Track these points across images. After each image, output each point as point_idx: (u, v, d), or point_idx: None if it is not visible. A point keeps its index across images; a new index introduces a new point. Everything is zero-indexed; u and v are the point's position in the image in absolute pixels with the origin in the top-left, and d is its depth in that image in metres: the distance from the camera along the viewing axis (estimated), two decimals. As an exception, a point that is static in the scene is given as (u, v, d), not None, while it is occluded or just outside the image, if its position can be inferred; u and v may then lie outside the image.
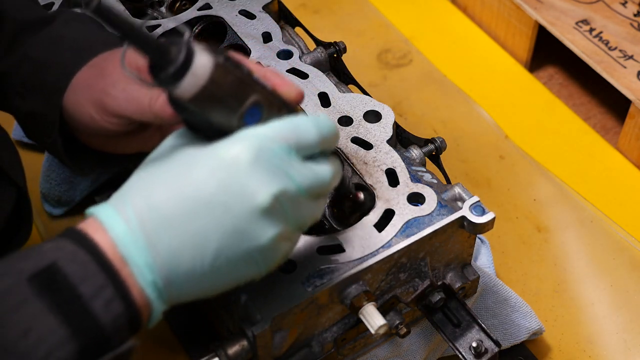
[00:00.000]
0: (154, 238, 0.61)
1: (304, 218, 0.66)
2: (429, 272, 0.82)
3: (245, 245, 0.63)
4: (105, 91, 0.79)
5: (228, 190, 0.62)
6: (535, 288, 1.03)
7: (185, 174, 0.62)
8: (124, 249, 0.61)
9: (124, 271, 0.61)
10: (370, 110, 0.89)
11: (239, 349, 0.74)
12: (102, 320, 0.59)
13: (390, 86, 1.26)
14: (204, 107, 0.62)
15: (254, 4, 1.02)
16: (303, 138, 0.65)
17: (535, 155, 1.17)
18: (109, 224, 0.61)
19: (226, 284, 0.65)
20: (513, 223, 1.09)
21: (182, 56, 0.60)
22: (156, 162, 0.64)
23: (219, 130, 0.64)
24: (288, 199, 0.63)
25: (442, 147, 0.89)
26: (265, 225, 0.63)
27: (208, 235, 0.62)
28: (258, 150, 0.62)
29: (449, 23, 1.36)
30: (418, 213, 0.80)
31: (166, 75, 0.60)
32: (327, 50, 0.97)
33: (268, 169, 0.62)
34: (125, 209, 0.62)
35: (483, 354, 0.83)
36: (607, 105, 1.24)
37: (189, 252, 0.61)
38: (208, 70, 0.61)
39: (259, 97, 0.64)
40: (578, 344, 0.98)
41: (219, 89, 0.62)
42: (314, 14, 1.37)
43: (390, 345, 0.87)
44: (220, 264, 0.62)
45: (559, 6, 1.23)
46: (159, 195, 0.62)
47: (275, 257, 0.66)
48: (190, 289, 0.63)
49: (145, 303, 0.62)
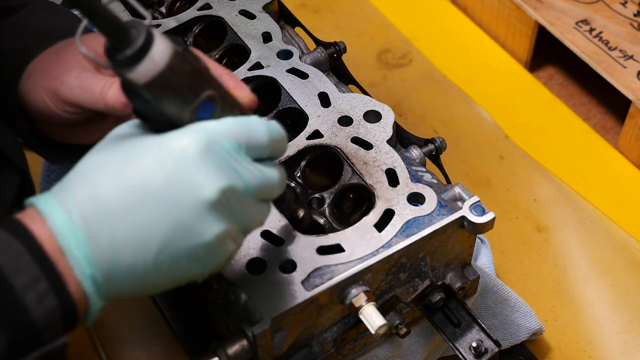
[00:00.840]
0: (95, 230, 0.59)
1: (250, 219, 0.65)
2: (429, 272, 0.82)
3: (190, 241, 0.61)
4: (59, 78, 0.78)
5: (175, 183, 0.60)
6: (535, 288, 1.03)
7: (132, 163, 0.60)
8: (63, 241, 0.59)
9: (61, 263, 0.58)
10: (370, 110, 0.89)
11: (239, 349, 0.74)
12: (34, 314, 0.57)
13: (390, 86, 1.26)
14: (158, 95, 0.60)
15: (254, 4, 1.02)
16: (254, 138, 0.64)
17: (535, 155, 1.17)
18: (49, 214, 0.59)
19: (168, 282, 0.63)
20: (513, 223, 1.09)
21: (142, 40, 0.58)
22: (102, 151, 0.62)
23: (170, 122, 0.62)
24: (235, 196, 0.62)
25: (442, 147, 0.89)
26: (211, 220, 0.61)
27: (152, 229, 0.60)
28: (208, 144, 0.61)
29: (449, 23, 1.36)
30: (418, 213, 0.80)
31: (123, 57, 0.58)
32: (327, 50, 0.97)
33: (217, 163, 0.61)
34: (66, 199, 0.60)
35: (483, 354, 0.83)
36: (607, 105, 1.24)
37: (132, 245, 0.59)
38: (166, 57, 0.59)
39: (213, 93, 0.63)
40: (578, 344, 0.98)
41: (175, 77, 0.60)
42: (314, 14, 1.37)
43: (390, 345, 0.87)
44: (163, 260, 0.60)
45: (559, 6, 1.23)
46: (103, 185, 0.60)
47: (220, 257, 0.63)
48: (130, 285, 0.61)
49: (82, 297, 0.59)
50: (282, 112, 0.92)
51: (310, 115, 0.89)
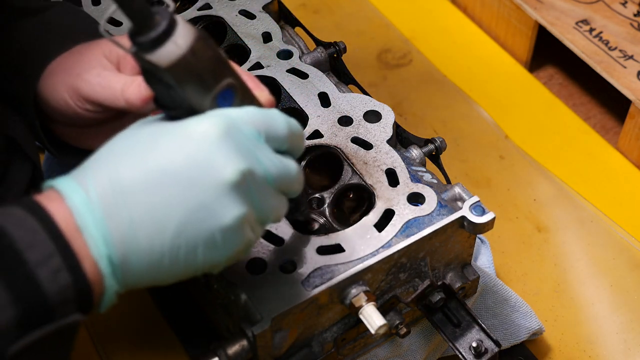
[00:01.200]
0: (113, 209, 0.59)
1: (268, 209, 0.65)
2: (429, 272, 0.82)
3: (208, 223, 0.61)
4: (81, 76, 0.79)
5: (195, 164, 0.60)
6: (535, 288, 1.03)
7: (152, 146, 0.61)
8: (80, 219, 0.58)
9: (77, 242, 0.58)
10: (370, 110, 0.89)
11: (239, 349, 0.74)
12: (46, 290, 0.57)
13: (390, 86, 1.26)
14: (179, 80, 0.61)
15: (254, 4, 1.02)
16: (274, 128, 0.65)
17: (535, 155, 1.17)
18: (67, 194, 0.59)
19: (184, 270, 0.62)
20: (513, 223, 1.09)
21: (165, 23, 0.60)
22: (122, 137, 0.63)
23: (191, 110, 0.63)
24: (254, 182, 0.62)
25: (442, 147, 0.89)
26: (230, 202, 0.61)
27: (170, 210, 0.60)
28: (228, 128, 0.61)
29: (449, 23, 1.36)
30: (418, 213, 0.80)
31: (147, 39, 0.59)
32: (327, 50, 0.97)
33: (237, 147, 0.61)
34: (85, 179, 0.60)
35: (483, 354, 0.83)
36: (607, 105, 1.24)
37: (150, 226, 0.59)
38: (189, 41, 0.60)
39: (233, 81, 0.64)
40: (578, 344, 0.98)
41: (197, 61, 0.61)
42: (314, 14, 1.37)
43: (391, 345, 0.87)
44: (180, 243, 0.60)
45: (559, 6, 1.23)
46: (122, 167, 0.60)
47: (237, 244, 0.63)
48: (146, 270, 0.61)
49: (98, 278, 0.59)
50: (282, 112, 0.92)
51: (310, 115, 0.89)
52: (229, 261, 0.64)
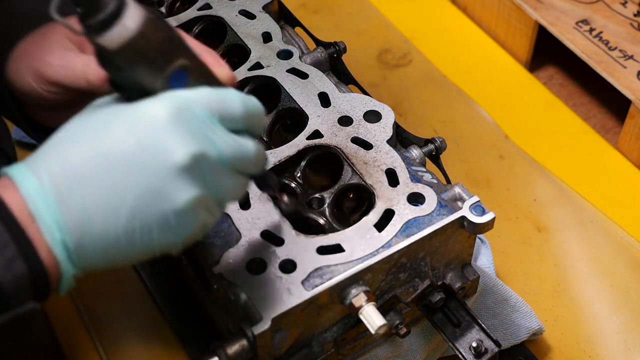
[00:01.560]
0: (66, 195, 0.59)
1: (225, 190, 0.64)
2: (429, 272, 0.82)
3: (161, 206, 0.61)
4: (43, 59, 0.79)
5: (145, 148, 0.60)
6: (535, 288, 1.03)
7: (102, 131, 0.61)
8: (33, 206, 0.59)
9: (31, 229, 0.59)
10: (370, 110, 0.89)
11: (239, 349, 0.74)
12: (1, 278, 0.57)
13: (390, 86, 1.26)
14: (130, 62, 0.61)
15: (254, 4, 1.02)
16: (228, 108, 0.64)
17: (535, 155, 1.17)
18: (20, 182, 0.60)
19: (141, 252, 0.63)
20: (513, 223, 1.09)
21: (113, 5, 0.59)
22: (75, 122, 0.63)
23: (144, 91, 0.62)
24: (208, 163, 0.62)
25: (442, 147, 0.89)
26: (182, 185, 0.61)
27: (123, 194, 0.60)
28: (179, 110, 0.61)
29: (449, 23, 1.36)
30: (418, 213, 0.80)
31: (94, 22, 0.59)
32: (327, 50, 0.97)
33: (188, 129, 0.61)
34: (38, 166, 0.60)
35: (483, 354, 0.83)
36: (607, 105, 1.24)
37: (103, 211, 0.60)
38: (138, 23, 0.60)
39: (187, 62, 0.64)
40: (578, 344, 0.98)
41: (147, 44, 0.61)
42: (314, 14, 1.37)
43: (391, 345, 0.87)
44: (134, 226, 0.60)
45: (559, 6, 1.23)
46: (74, 153, 0.60)
47: (192, 226, 0.63)
48: (103, 253, 0.61)
49: (54, 264, 0.60)
50: (282, 112, 0.92)
51: (310, 115, 0.89)
52: (185, 241, 0.64)
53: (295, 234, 0.79)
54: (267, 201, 0.81)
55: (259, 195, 0.82)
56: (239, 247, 0.78)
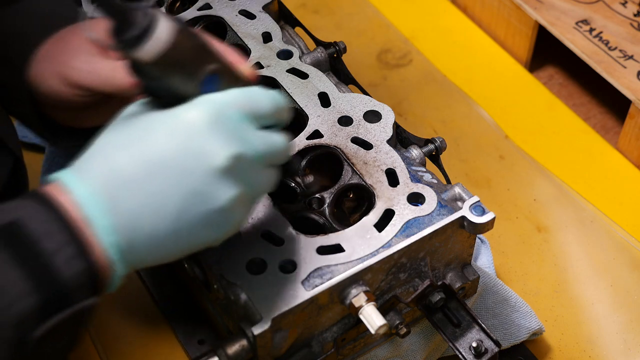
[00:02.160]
0: (115, 200, 0.62)
1: (260, 185, 0.68)
2: (429, 272, 0.82)
3: (205, 206, 0.64)
4: (68, 63, 0.81)
5: (187, 152, 0.63)
6: (535, 288, 1.03)
7: (144, 137, 0.64)
8: (87, 211, 0.62)
9: (87, 231, 0.61)
10: (370, 110, 0.89)
11: (239, 349, 0.74)
12: (63, 276, 0.60)
13: (390, 86, 1.26)
14: (164, 72, 0.63)
15: (254, 4, 1.02)
16: (258, 107, 0.67)
17: (535, 155, 1.17)
18: (72, 186, 0.62)
19: (187, 248, 0.66)
20: (513, 223, 1.09)
21: (146, 20, 0.61)
22: (115, 128, 0.65)
23: (178, 96, 0.65)
24: (245, 162, 0.65)
25: (442, 147, 0.89)
26: (223, 186, 0.64)
27: (168, 197, 0.63)
28: (216, 114, 0.64)
29: (449, 23, 1.36)
30: (418, 213, 0.80)
31: (129, 37, 0.61)
32: (327, 50, 0.97)
33: (226, 132, 0.64)
34: (87, 172, 0.63)
35: (483, 354, 0.83)
36: (607, 105, 1.24)
37: (151, 213, 0.62)
38: (170, 35, 0.62)
39: (216, 67, 0.66)
40: (578, 344, 0.98)
41: (179, 54, 0.63)
42: (314, 14, 1.37)
43: (391, 345, 0.87)
44: (180, 226, 0.63)
45: (559, 6, 1.23)
46: (120, 158, 0.63)
47: (233, 221, 0.66)
48: (152, 252, 0.64)
49: (107, 264, 0.62)
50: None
51: (310, 115, 0.89)
52: (226, 236, 0.67)
53: (295, 234, 0.79)
54: (267, 201, 0.81)
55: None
56: (239, 247, 0.78)
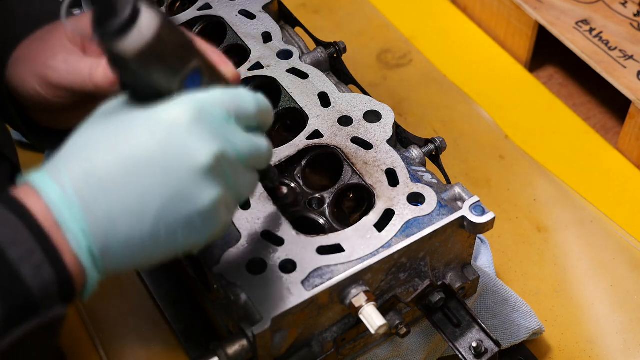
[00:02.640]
0: (90, 203, 0.59)
1: (242, 186, 0.66)
2: (429, 272, 0.82)
3: (186, 208, 0.61)
4: (47, 64, 0.79)
5: (168, 151, 0.60)
6: (535, 288, 1.03)
7: (123, 135, 0.61)
8: (58, 214, 0.59)
9: (57, 236, 0.59)
10: (370, 110, 0.89)
11: (239, 349, 0.74)
12: (30, 285, 0.57)
13: (390, 86, 1.26)
14: (146, 66, 0.60)
15: (254, 4, 1.02)
16: (243, 107, 0.65)
17: (535, 155, 1.17)
18: (43, 189, 0.60)
19: (165, 253, 0.63)
20: (513, 223, 1.09)
21: (129, 10, 0.58)
22: (91, 126, 0.63)
23: (158, 93, 0.62)
24: (228, 163, 0.63)
25: (442, 147, 0.89)
26: (206, 186, 0.61)
27: (148, 198, 0.60)
28: (198, 113, 0.62)
29: (449, 23, 1.36)
30: (418, 213, 0.80)
31: (111, 28, 0.58)
32: (327, 50, 0.97)
33: (208, 130, 0.62)
34: (59, 173, 0.60)
35: (483, 354, 0.83)
36: (607, 105, 1.24)
37: (128, 216, 0.60)
38: (154, 27, 0.59)
39: (200, 64, 0.64)
40: (578, 344, 0.98)
41: (163, 47, 0.60)
42: (314, 14, 1.37)
43: (391, 345, 0.87)
44: (159, 230, 0.61)
45: (559, 6, 1.23)
46: (96, 158, 0.60)
47: (215, 225, 0.64)
48: (128, 257, 0.61)
49: (79, 270, 0.60)
50: (282, 112, 0.92)
51: (310, 115, 0.89)
52: (208, 240, 0.65)
53: (295, 234, 0.79)
54: (267, 201, 0.81)
55: (259, 195, 0.82)
56: (239, 247, 0.78)
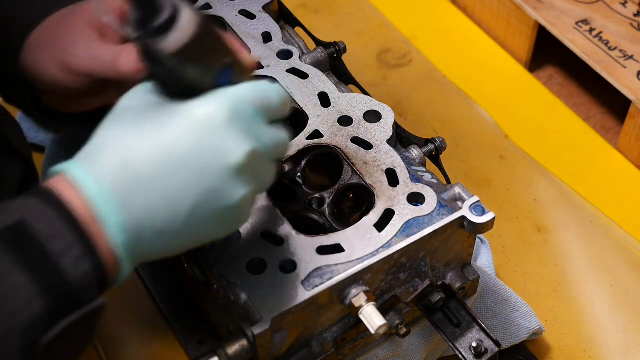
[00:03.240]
0: (127, 198, 0.60)
1: (266, 179, 0.68)
2: (429, 272, 0.82)
3: (218, 204, 0.63)
4: (68, 50, 0.79)
5: (204, 149, 0.62)
6: (535, 288, 1.03)
7: (159, 131, 0.62)
8: (96, 209, 0.60)
9: (94, 230, 0.60)
10: (370, 110, 0.89)
11: (239, 349, 0.74)
12: (71, 277, 0.58)
13: (390, 86, 1.26)
14: (183, 63, 0.61)
15: (254, 4, 1.02)
16: (269, 102, 0.66)
17: (535, 155, 1.17)
18: (80, 183, 0.60)
19: (192, 244, 0.65)
20: (513, 223, 1.09)
21: (170, 9, 0.60)
22: (125, 119, 0.63)
23: (190, 87, 0.63)
24: (257, 159, 0.64)
25: (442, 147, 0.89)
26: (237, 184, 0.63)
27: (183, 195, 0.61)
28: (233, 111, 0.63)
29: (449, 23, 1.36)
30: (418, 213, 0.80)
31: (153, 27, 0.59)
32: (327, 50, 0.97)
33: (241, 129, 0.63)
34: (97, 167, 0.61)
35: (483, 354, 0.83)
36: (607, 105, 1.24)
37: (163, 211, 0.61)
38: (194, 27, 0.60)
39: (231, 59, 0.65)
40: (578, 344, 0.98)
41: (200, 46, 0.61)
42: (314, 14, 1.36)
43: (390, 345, 0.87)
44: (191, 224, 0.62)
45: (559, 6, 1.23)
46: (133, 153, 0.61)
47: (242, 217, 0.66)
48: (158, 248, 0.63)
49: (114, 262, 0.61)
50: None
51: (310, 115, 0.89)
52: (233, 231, 0.69)
53: (295, 234, 0.79)
54: (267, 201, 0.81)
55: (259, 195, 0.82)
56: (239, 247, 0.78)
